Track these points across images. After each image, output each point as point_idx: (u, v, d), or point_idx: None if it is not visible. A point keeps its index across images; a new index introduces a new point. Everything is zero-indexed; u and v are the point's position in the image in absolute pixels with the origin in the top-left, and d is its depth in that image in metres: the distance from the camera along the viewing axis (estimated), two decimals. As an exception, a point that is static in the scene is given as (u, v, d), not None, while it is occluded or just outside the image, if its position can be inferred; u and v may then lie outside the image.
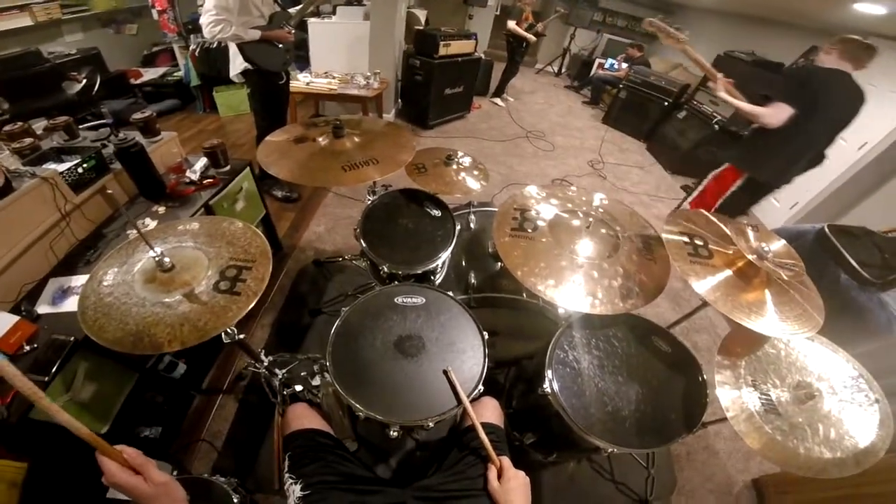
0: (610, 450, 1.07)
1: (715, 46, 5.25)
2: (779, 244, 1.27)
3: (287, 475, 0.91)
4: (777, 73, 4.26)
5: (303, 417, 1.04)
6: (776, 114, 2.17)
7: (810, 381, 1.11)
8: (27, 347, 1.08)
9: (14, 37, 3.62)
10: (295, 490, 0.87)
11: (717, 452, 1.89)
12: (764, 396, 1.08)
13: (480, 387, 1.03)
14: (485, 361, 1.07)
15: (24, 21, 3.68)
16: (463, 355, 1.08)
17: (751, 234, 1.24)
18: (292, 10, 2.60)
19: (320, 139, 1.48)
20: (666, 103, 5.10)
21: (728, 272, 1.15)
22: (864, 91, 2.10)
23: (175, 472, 0.98)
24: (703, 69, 2.41)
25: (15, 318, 1.08)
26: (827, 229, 2.35)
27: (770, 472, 1.78)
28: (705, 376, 1.18)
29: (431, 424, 0.95)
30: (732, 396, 1.07)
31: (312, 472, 0.91)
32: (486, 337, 1.13)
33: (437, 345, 1.09)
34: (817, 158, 2.39)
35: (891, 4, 2.34)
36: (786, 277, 1.16)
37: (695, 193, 2.88)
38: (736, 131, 4.29)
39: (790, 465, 0.97)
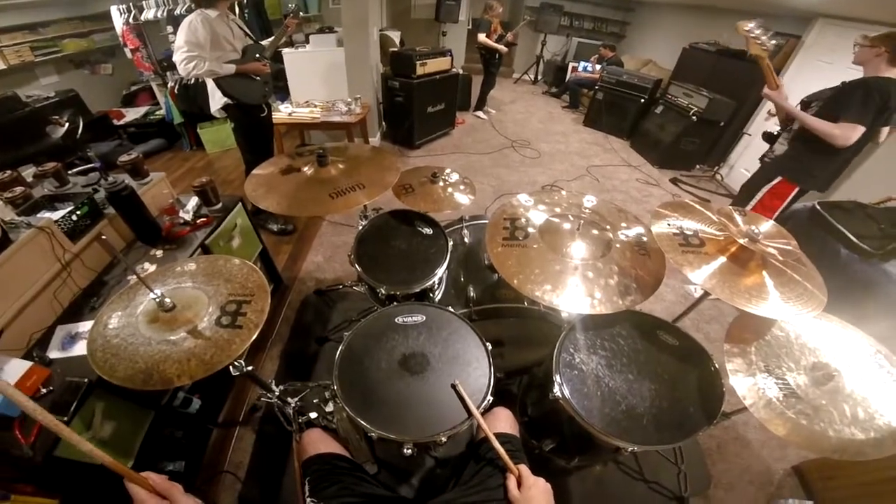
0: (631, 448, 1.05)
1: (680, 40, 5.37)
2: (768, 224, 1.28)
3: (309, 500, 0.91)
4: (740, 60, 4.37)
5: (318, 442, 1.05)
6: (848, 135, 2.06)
7: (826, 361, 1.06)
8: (43, 390, 1.12)
9: None
10: None
11: (749, 443, 1.86)
12: (780, 381, 1.05)
13: (490, 397, 1.02)
14: (491, 372, 1.07)
15: None
16: (468, 368, 1.08)
17: (738, 217, 1.26)
18: (265, 42, 2.64)
19: (306, 169, 1.50)
20: (642, 100, 5.20)
21: (722, 259, 1.15)
22: None
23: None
24: (768, 77, 2.33)
25: (28, 364, 1.12)
26: (818, 206, 2.38)
27: (810, 458, 1.74)
28: (717, 365, 1.16)
29: (444, 439, 0.94)
30: (748, 384, 1.04)
31: (333, 495, 0.91)
32: (490, 348, 1.13)
33: (441, 360, 1.09)
34: None
35: None
36: (781, 258, 1.17)
37: (749, 207, 2.72)
38: (717, 121, 4.38)
39: (823, 450, 0.93)
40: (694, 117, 4.39)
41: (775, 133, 2.61)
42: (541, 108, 6.60)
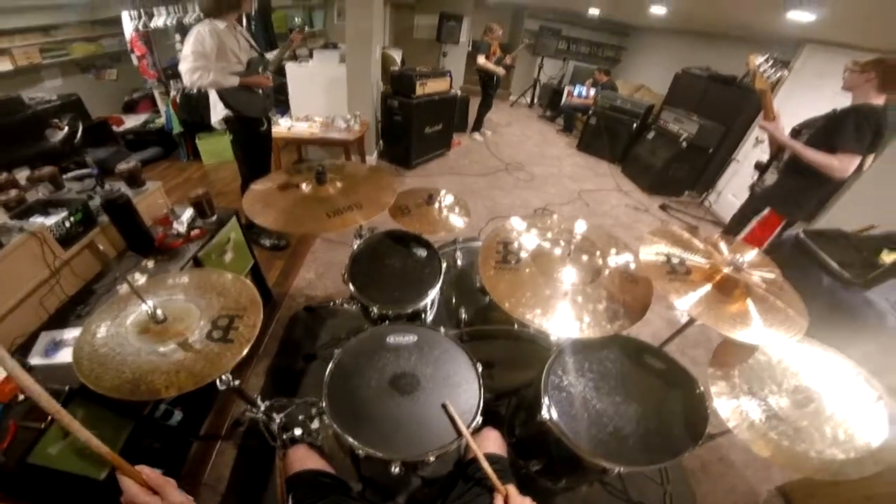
0: (617, 469, 1.06)
1: (673, 65, 5.51)
2: (752, 253, 1.32)
3: None
4: (730, 86, 4.50)
5: (304, 459, 1.05)
6: (847, 166, 2.07)
7: (807, 384, 1.10)
8: (21, 397, 1.10)
9: None
10: None
11: (732, 463, 1.89)
12: (763, 403, 1.08)
13: (479, 417, 1.03)
14: (480, 393, 1.08)
15: (5, 65, 3.68)
16: (458, 388, 1.09)
17: (723, 246, 1.29)
18: (269, 56, 2.66)
19: (304, 186, 1.52)
20: (634, 125, 5.32)
21: (708, 287, 1.17)
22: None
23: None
24: (767, 110, 2.33)
25: None
26: (803, 234, 2.44)
27: (793, 478, 1.76)
28: (702, 388, 1.19)
29: (433, 459, 0.95)
30: (731, 406, 1.07)
31: None
32: (480, 369, 1.14)
33: (431, 380, 1.10)
34: None
35: (819, 10, 2.50)
36: (764, 285, 1.20)
37: (739, 238, 2.72)
38: (706, 147, 4.49)
39: (804, 470, 0.96)
40: (684, 143, 4.49)
41: (766, 162, 2.63)
42: (536, 132, 6.73)
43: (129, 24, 4.00)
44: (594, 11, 6.38)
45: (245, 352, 0.92)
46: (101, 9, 4.36)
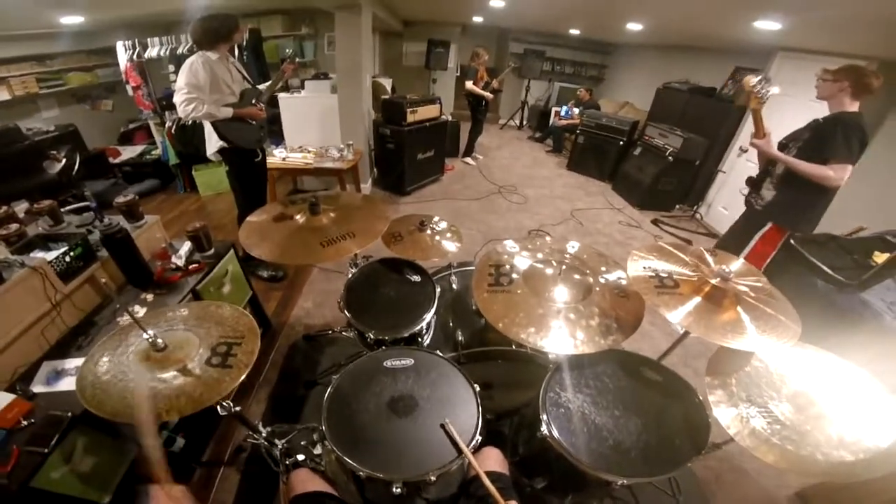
0: (620, 482, 1.07)
1: (654, 80, 5.66)
2: (738, 263, 1.35)
3: None
4: (710, 97, 4.62)
5: (307, 481, 1.06)
6: (842, 175, 2.10)
7: (807, 388, 1.11)
8: (24, 422, 1.12)
9: None
10: None
11: (746, 472, 1.87)
12: (763, 409, 1.08)
13: (478, 437, 1.04)
14: (478, 412, 1.09)
15: (2, 95, 3.71)
16: (457, 409, 1.10)
17: (709, 258, 1.33)
18: (262, 87, 2.69)
19: (298, 217, 1.55)
20: (621, 142, 5.41)
21: (697, 298, 1.20)
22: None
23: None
24: (758, 128, 2.35)
25: (11, 397, 1.14)
26: (793, 241, 2.47)
27: (811, 483, 1.75)
28: (701, 398, 1.20)
29: (433, 478, 0.95)
30: (731, 414, 1.07)
31: None
32: (478, 389, 1.15)
33: (429, 402, 1.11)
34: None
35: (784, 20, 2.61)
36: (753, 294, 1.23)
37: (742, 255, 2.71)
38: (692, 160, 4.58)
39: (813, 474, 0.97)
40: (670, 157, 4.58)
41: (756, 177, 2.66)
42: (526, 153, 6.85)
43: (123, 55, 4.04)
44: (575, 31, 6.61)
45: (243, 377, 0.95)
46: (95, 38, 4.42)
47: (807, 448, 0.98)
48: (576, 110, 6.68)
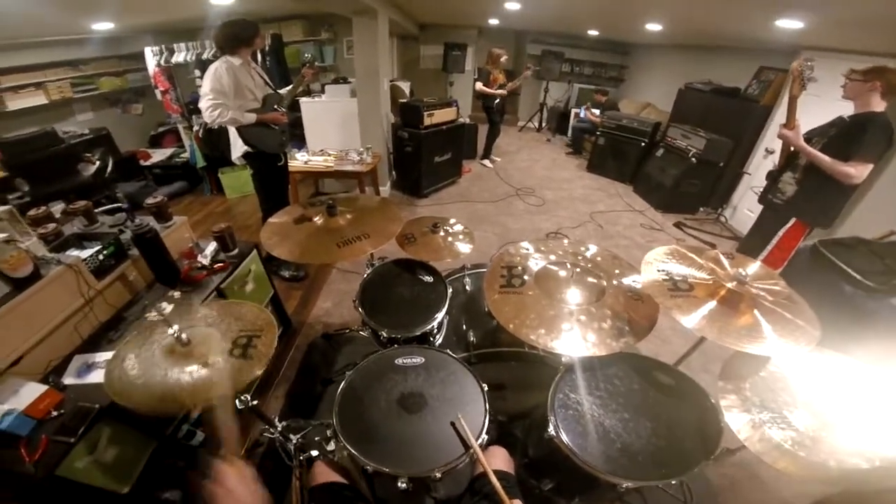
0: (626, 484, 1.07)
1: (676, 81, 5.53)
2: (755, 266, 1.33)
3: None
4: (734, 98, 4.51)
5: (327, 473, 1.09)
6: (863, 173, 2.11)
7: (824, 393, 1.08)
8: (55, 413, 1.19)
9: (30, 115, 3.84)
10: None
11: (764, 481, 1.83)
12: (776, 415, 1.06)
13: (484, 436, 1.06)
14: (486, 412, 1.11)
15: (40, 99, 3.92)
16: (465, 407, 1.12)
17: (725, 261, 1.31)
18: (283, 91, 2.76)
19: (317, 219, 1.60)
20: (643, 143, 5.31)
21: (713, 303, 1.18)
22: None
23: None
24: (791, 117, 2.33)
25: (43, 388, 1.21)
26: (819, 245, 2.40)
27: (831, 492, 1.69)
28: (714, 401, 1.17)
29: (439, 475, 0.97)
30: (743, 419, 1.05)
31: None
32: (487, 389, 1.17)
33: (438, 400, 1.14)
34: None
35: (806, 18, 2.55)
36: (770, 298, 1.20)
37: (766, 252, 2.72)
38: (716, 162, 4.48)
39: (826, 480, 0.94)
40: (693, 159, 4.47)
41: (776, 171, 2.64)
42: (545, 155, 6.79)
43: (151, 60, 4.19)
44: (593, 32, 6.50)
45: (264, 366, 1.00)
46: (124, 44, 4.62)
47: (819, 454, 0.96)
48: (595, 111, 6.56)
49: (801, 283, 1.34)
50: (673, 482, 1.06)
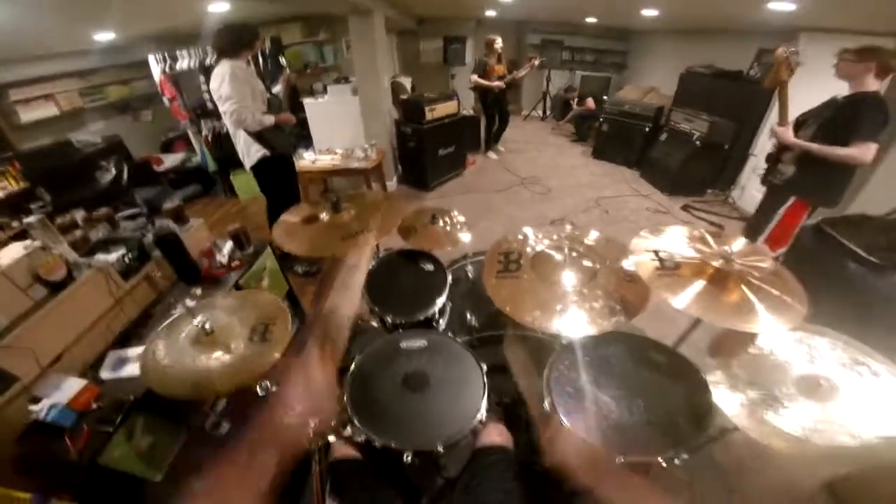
0: (619, 459, 1.09)
1: (678, 65, 5.47)
2: (740, 243, 1.36)
3: (328, 498, 1.04)
4: (737, 80, 4.48)
5: (345, 449, 1.18)
6: (868, 154, 2.13)
7: (815, 371, 1.07)
8: (94, 405, 1.31)
9: (44, 127, 3.96)
10: None
11: (771, 460, 1.82)
12: (767, 393, 1.05)
13: (483, 412, 1.14)
14: (485, 390, 1.19)
15: (52, 111, 4.03)
16: (465, 385, 1.21)
17: (710, 239, 1.35)
18: (275, 90, 2.81)
19: (323, 215, 1.68)
20: (647, 128, 5.30)
21: (701, 282, 1.21)
22: None
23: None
24: (784, 113, 2.39)
25: (84, 382, 1.33)
26: (822, 224, 2.38)
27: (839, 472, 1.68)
28: (706, 379, 1.18)
29: (441, 449, 1.05)
30: (732, 397, 1.06)
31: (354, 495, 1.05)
32: (486, 369, 1.25)
33: (440, 379, 1.22)
34: None
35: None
36: (758, 274, 1.24)
37: (767, 231, 2.76)
38: (721, 144, 4.46)
39: (817, 456, 0.94)
40: (698, 142, 4.47)
41: (775, 152, 2.64)
42: (550, 144, 6.79)
43: (155, 67, 4.26)
44: (591, 20, 6.43)
45: (283, 349, 1.12)
46: (127, 52, 4.64)
47: (816, 434, 0.94)
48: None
49: (807, 262, 1.31)
50: (676, 461, 1.06)
